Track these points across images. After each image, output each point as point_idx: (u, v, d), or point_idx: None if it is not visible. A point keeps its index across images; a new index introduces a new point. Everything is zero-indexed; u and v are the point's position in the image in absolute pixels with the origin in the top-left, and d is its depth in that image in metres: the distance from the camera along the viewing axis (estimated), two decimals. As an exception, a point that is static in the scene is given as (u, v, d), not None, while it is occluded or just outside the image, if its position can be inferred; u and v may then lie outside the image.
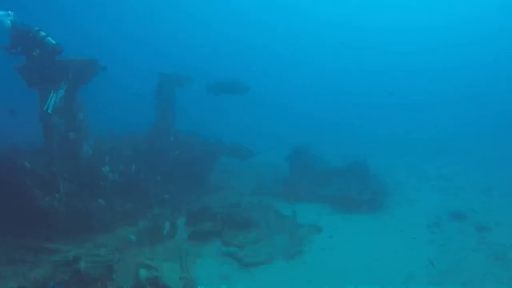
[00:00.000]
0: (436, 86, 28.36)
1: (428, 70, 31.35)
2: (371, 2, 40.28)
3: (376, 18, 39.32)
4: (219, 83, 12.29)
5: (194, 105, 17.43)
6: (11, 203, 7.64)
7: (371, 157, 12.76)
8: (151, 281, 6.21)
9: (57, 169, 8.45)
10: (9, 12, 7.86)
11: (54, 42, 7.84)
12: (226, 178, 12.75)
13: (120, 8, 39.12)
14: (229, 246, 8.19)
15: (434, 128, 20.08)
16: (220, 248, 8.14)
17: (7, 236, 7.57)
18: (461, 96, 25.45)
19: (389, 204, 10.69)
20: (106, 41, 35.26)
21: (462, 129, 19.01)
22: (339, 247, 8.05)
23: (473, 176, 13.02)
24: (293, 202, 11.02)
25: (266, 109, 24.62)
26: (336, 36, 38.97)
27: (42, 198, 8.01)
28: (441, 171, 13.86)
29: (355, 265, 7.28)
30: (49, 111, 8.06)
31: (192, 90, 12.83)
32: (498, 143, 16.35)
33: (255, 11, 42.50)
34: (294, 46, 39.08)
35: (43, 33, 7.84)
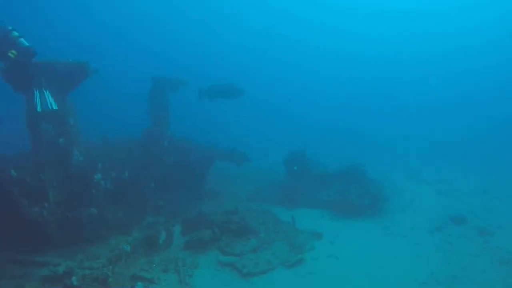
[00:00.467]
0: (434, 90, 28.51)
1: (426, 75, 31.53)
2: (373, 8, 40.55)
3: (376, 23, 39.61)
4: (213, 87, 11.95)
5: (188, 108, 17.14)
6: (-3, 214, 7.25)
7: (368, 161, 12.65)
8: (148, 295, 5.90)
9: (46, 177, 8.08)
10: None
11: (27, 43, 7.36)
12: (222, 183, 12.49)
13: (115, 8, 38.63)
14: (228, 255, 7.93)
15: (431, 131, 20.07)
16: (218, 257, 7.86)
17: (-7, 249, 7.18)
18: (459, 99, 25.58)
19: (389, 208, 10.52)
20: (100, 43, 34.78)
21: (459, 132, 18.99)
22: (342, 254, 7.82)
23: (472, 179, 12.95)
24: (291, 207, 10.83)
25: (262, 113, 24.45)
26: (335, 41, 39.14)
27: (30, 207, 7.63)
28: (439, 174, 13.77)
29: (359, 273, 7.06)
30: (38, 109, 7.66)
31: (186, 93, 12.52)
32: (495, 145, 16.33)
33: (254, 14, 42.42)
34: (293, 50, 39.11)
35: (16, 33, 7.35)
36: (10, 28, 7.41)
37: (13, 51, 7.17)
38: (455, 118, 22.32)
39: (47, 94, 7.83)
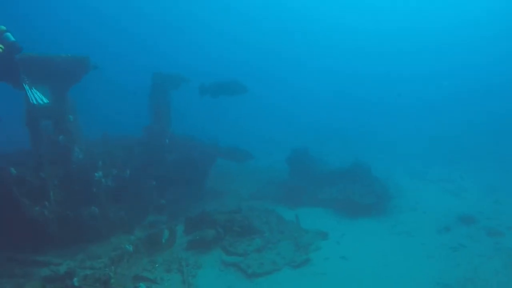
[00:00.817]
0: (438, 88, 28.31)
1: (429, 72, 31.37)
2: (376, 5, 40.31)
3: (379, 21, 39.37)
4: (215, 83, 11.75)
5: (189, 106, 16.95)
6: (-4, 212, 7.08)
7: (370, 159, 12.51)
8: (151, 297, 5.75)
9: (46, 175, 7.90)
10: None
11: (13, 38, 7.14)
12: (224, 181, 12.35)
13: (117, 5, 38.30)
14: (232, 255, 7.77)
15: (433, 130, 19.86)
16: (222, 257, 7.70)
17: (-7, 248, 7.01)
18: (461, 97, 25.35)
19: (394, 207, 10.37)
20: (100, 39, 34.47)
21: (461, 131, 18.77)
22: (348, 254, 7.65)
23: (477, 178, 12.77)
24: (294, 206, 10.68)
25: (262, 111, 24.27)
26: (337, 41, 38.92)
27: (31, 207, 7.46)
28: (443, 173, 13.61)
29: (367, 273, 6.90)
30: (34, 102, 7.47)
31: (186, 90, 12.33)
32: (499, 143, 16.12)
33: (257, 11, 42.10)
34: (296, 49, 38.86)
35: (3, 27, 7.17)
36: None
37: (1, 45, 6.96)
38: (457, 116, 22.11)
39: (33, 90, 7.65)
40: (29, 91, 7.46)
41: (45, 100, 7.71)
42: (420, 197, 11.21)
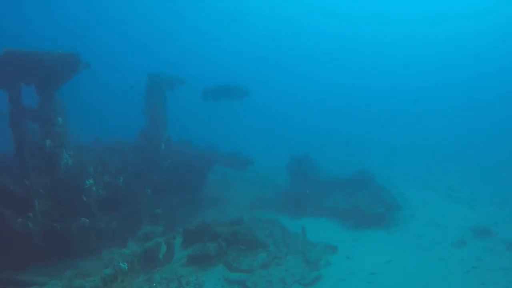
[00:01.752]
0: (441, 96, 28.17)
1: (432, 81, 31.37)
2: (378, 16, 40.55)
3: (380, 31, 39.48)
4: (218, 87, 11.24)
5: (186, 110, 16.35)
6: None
7: (374, 166, 12.07)
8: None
9: (31, 183, 7.18)
10: None
11: None
12: (222, 189, 11.77)
13: (114, 6, 37.58)
14: (236, 271, 7.14)
15: (438, 139, 19.50)
16: (225, 273, 7.06)
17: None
18: (464, 106, 25.19)
19: (403, 218, 9.91)
20: (94, 38, 33.66)
21: (465, 140, 18.44)
22: (362, 271, 7.10)
23: (484, 187, 12.36)
24: (297, 216, 10.14)
25: (264, 117, 23.84)
26: (340, 48, 38.87)
27: (13, 218, 6.74)
28: (448, 182, 13.21)
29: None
30: None
31: (183, 94, 11.75)
32: (503, 153, 15.78)
33: (259, 19, 41.81)
34: (296, 56, 38.64)
35: None
36: None
37: None
38: (463, 125, 21.85)
39: None
40: None
41: None
42: (428, 207, 10.77)
